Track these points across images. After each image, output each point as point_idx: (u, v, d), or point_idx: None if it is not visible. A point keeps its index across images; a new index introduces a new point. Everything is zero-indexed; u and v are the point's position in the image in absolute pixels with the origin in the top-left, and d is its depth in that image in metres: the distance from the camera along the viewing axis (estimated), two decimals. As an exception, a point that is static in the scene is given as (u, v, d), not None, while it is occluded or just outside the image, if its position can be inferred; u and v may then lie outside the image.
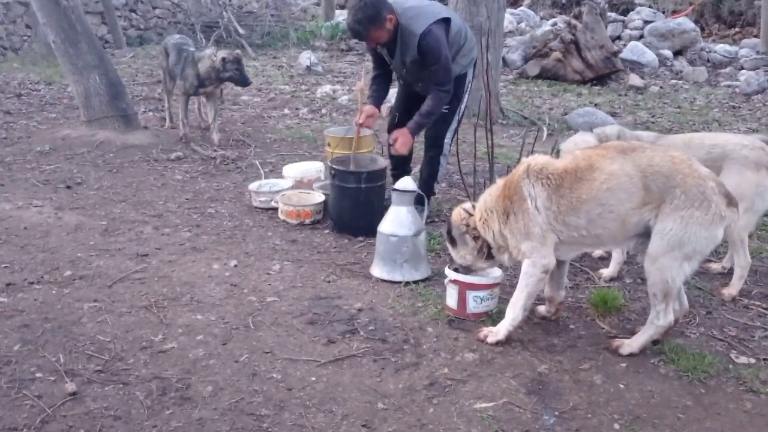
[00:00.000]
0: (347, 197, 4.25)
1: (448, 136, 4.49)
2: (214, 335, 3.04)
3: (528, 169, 2.94)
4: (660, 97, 9.11)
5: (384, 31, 4.00)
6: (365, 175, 4.25)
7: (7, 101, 7.77)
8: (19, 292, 3.38)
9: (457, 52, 4.32)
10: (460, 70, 4.38)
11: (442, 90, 4.17)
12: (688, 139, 3.82)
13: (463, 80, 4.44)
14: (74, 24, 6.00)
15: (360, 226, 4.25)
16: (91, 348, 2.91)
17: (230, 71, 5.87)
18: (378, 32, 3.99)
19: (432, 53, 4.04)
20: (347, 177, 4.24)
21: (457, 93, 4.40)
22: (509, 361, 2.90)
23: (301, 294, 3.48)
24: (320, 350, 2.96)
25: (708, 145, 3.60)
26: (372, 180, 4.26)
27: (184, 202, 4.82)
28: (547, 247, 2.91)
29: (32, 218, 4.31)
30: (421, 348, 2.99)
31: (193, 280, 3.58)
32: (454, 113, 4.43)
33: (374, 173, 4.29)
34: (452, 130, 4.49)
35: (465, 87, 4.47)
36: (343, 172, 4.26)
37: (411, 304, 3.41)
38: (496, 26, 7.06)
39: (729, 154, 3.51)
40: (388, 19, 3.96)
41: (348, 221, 4.31)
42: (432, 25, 4.02)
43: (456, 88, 4.37)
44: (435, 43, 4.02)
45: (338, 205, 4.32)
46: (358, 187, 4.22)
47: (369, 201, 4.25)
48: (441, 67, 4.09)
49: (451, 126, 4.46)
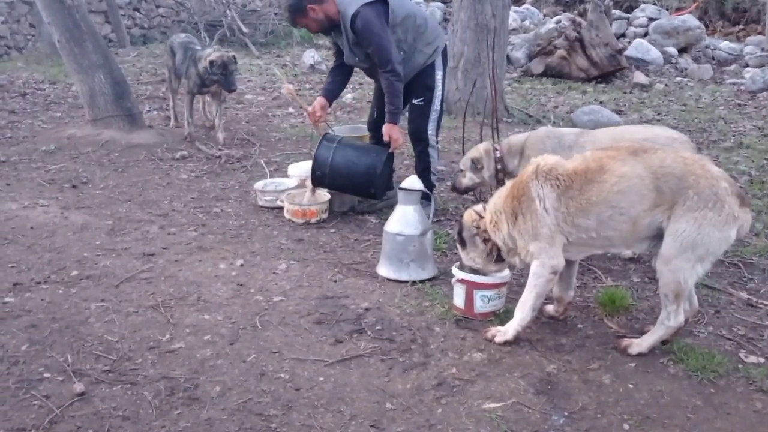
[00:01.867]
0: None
1: (431, 127, 4.49)
2: (221, 335, 3.04)
3: (537, 169, 2.92)
4: (665, 95, 9.07)
5: (309, 20, 4.17)
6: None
7: (12, 100, 7.77)
8: (26, 292, 3.38)
9: (417, 39, 4.31)
10: (424, 60, 4.37)
11: (386, 71, 4.17)
12: (618, 134, 3.83)
13: (431, 71, 4.40)
14: (79, 23, 6.00)
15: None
16: (98, 348, 2.91)
17: (216, 75, 5.80)
18: (303, 20, 4.20)
19: (364, 34, 4.08)
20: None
21: (427, 83, 4.41)
22: (517, 360, 2.89)
23: (308, 293, 3.47)
24: (328, 350, 2.96)
25: (639, 139, 3.62)
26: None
27: (189, 202, 4.82)
28: (555, 248, 2.90)
29: (38, 218, 4.32)
30: (429, 348, 2.99)
31: (200, 279, 3.58)
32: (429, 105, 4.43)
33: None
34: (433, 121, 4.49)
35: (435, 77, 4.41)
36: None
37: (418, 303, 3.40)
38: (501, 24, 7.04)
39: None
40: (310, 9, 4.11)
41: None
42: (363, 6, 4.04)
43: (425, 78, 4.40)
44: (366, 23, 4.04)
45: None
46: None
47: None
48: (376, 47, 4.10)
49: (431, 117, 4.46)
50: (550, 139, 4.00)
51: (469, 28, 7.01)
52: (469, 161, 4.24)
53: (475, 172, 4.23)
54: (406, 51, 4.31)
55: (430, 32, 4.38)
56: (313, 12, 4.14)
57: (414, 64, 4.37)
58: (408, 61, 4.33)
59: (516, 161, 4.10)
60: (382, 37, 4.09)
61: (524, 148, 4.07)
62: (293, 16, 4.23)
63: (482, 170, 4.20)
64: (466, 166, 4.27)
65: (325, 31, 4.37)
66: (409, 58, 4.33)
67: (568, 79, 9.66)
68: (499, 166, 4.15)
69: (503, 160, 4.14)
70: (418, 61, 4.36)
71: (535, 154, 4.00)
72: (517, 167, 4.10)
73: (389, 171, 4.54)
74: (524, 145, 4.08)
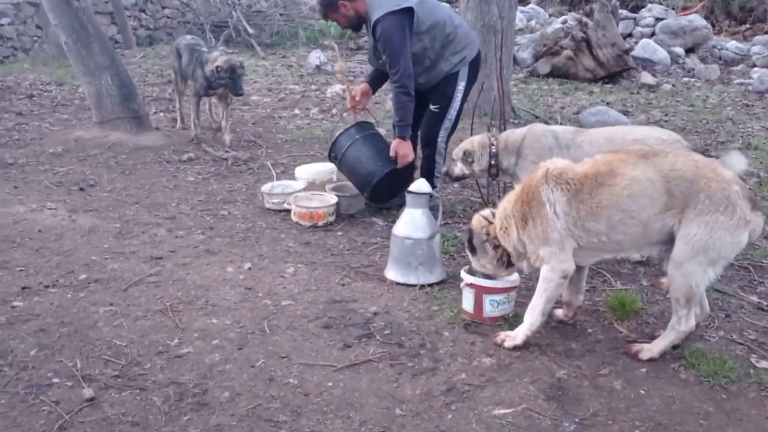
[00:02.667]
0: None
1: (441, 135, 4.49)
2: (230, 339, 3.03)
3: (546, 173, 2.91)
4: (672, 96, 9.03)
5: (339, 15, 4.26)
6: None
7: (19, 102, 7.80)
8: (34, 296, 3.38)
9: (444, 47, 4.28)
10: (449, 68, 4.34)
11: (393, 81, 4.21)
12: (610, 134, 3.87)
13: (453, 80, 4.38)
14: (86, 25, 6.01)
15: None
16: (107, 353, 2.90)
17: (224, 79, 5.81)
18: (334, 15, 4.29)
19: (382, 41, 4.11)
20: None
21: (446, 92, 4.38)
22: (527, 366, 2.88)
23: (316, 297, 3.46)
24: (336, 355, 2.95)
25: (630, 140, 3.66)
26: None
27: (196, 204, 4.82)
28: (565, 253, 2.88)
29: (46, 221, 4.32)
30: (438, 352, 2.97)
31: (208, 283, 3.58)
32: (444, 113, 4.42)
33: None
34: (445, 130, 4.49)
35: (456, 87, 4.39)
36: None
37: (427, 307, 3.38)
38: (508, 25, 7.02)
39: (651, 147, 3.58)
40: (341, 4, 4.19)
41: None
42: (387, 14, 4.06)
43: (445, 86, 4.38)
44: (386, 31, 4.06)
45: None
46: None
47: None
48: (388, 56, 4.13)
49: (443, 125, 4.46)
50: (547, 137, 3.99)
51: (475, 29, 6.92)
52: (461, 152, 4.26)
53: (466, 164, 4.24)
54: (432, 59, 4.30)
55: (460, 41, 4.34)
56: (344, 8, 4.21)
57: (438, 71, 4.35)
58: (432, 68, 4.33)
59: (512, 159, 4.10)
60: (396, 47, 4.09)
61: (521, 146, 4.06)
62: (325, 10, 4.32)
63: (473, 164, 4.21)
64: (458, 156, 4.29)
65: (355, 28, 4.42)
66: (434, 65, 4.33)
67: (575, 79, 9.63)
68: (493, 161, 4.15)
69: (498, 156, 4.13)
70: (443, 69, 4.34)
71: (533, 152, 4.00)
72: (513, 165, 4.09)
73: (399, 184, 4.37)
74: (521, 142, 4.06)
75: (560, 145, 3.95)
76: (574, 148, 3.91)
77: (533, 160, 3.98)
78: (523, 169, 4.05)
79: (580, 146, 3.90)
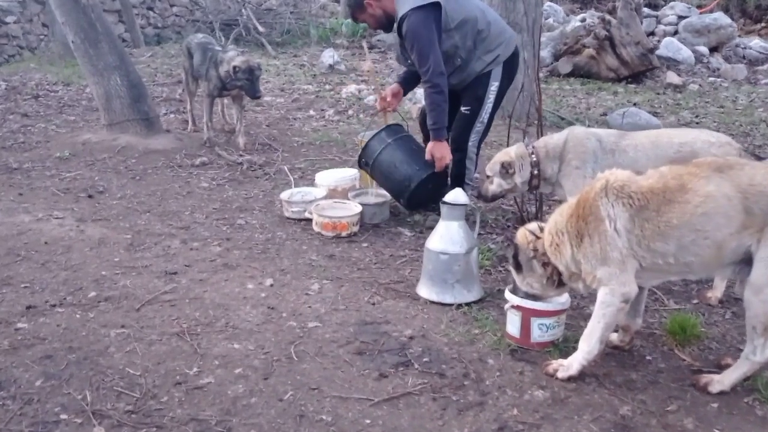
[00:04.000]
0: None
1: (472, 139, 4.24)
2: (254, 368, 2.76)
3: (606, 186, 2.62)
4: (700, 96, 8.71)
5: (367, 15, 4.13)
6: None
7: (25, 103, 7.54)
8: (40, 317, 3.11)
9: (477, 45, 4.06)
10: (482, 68, 4.11)
11: (424, 81, 4.02)
12: (656, 138, 3.58)
13: (485, 81, 4.14)
14: (94, 23, 5.75)
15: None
16: (120, 383, 2.63)
17: (241, 80, 5.58)
18: (362, 15, 4.16)
19: (408, 38, 3.97)
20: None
21: (478, 93, 4.15)
22: (585, 400, 2.59)
23: (345, 318, 3.18)
24: (372, 386, 2.66)
25: (677, 143, 3.43)
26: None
27: (211, 213, 4.55)
28: (627, 274, 2.59)
29: (53, 231, 4.06)
30: (484, 384, 2.69)
31: (227, 302, 3.30)
32: (475, 116, 4.18)
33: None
34: (477, 134, 4.24)
35: (488, 88, 4.15)
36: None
37: (466, 330, 3.10)
38: (534, 23, 6.72)
39: (699, 152, 3.33)
40: (367, 4, 4.07)
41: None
42: (414, 9, 3.88)
43: (477, 87, 4.14)
44: (413, 27, 3.90)
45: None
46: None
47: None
48: (416, 54, 3.95)
49: (474, 129, 4.21)
50: (591, 141, 3.70)
51: (499, 27, 6.68)
52: (498, 166, 3.87)
53: (505, 177, 3.86)
54: (464, 57, 4.08)
55: (493, 39, 4.10)
56: (371, 8, 4.08)
57: (470, 70, 4.13)
58: (464, 67, 4.11)
59: (555, 166, 3.79)
60: (424, 44, 3.89)
61: (564, 151, 3.76)
62: (352, 11, 4.22)
63: (514, 176, 3.88)
64: (494, 171, 3.90)
65: (385, 28, 4.27)
66: (466, 64, 4.10)
67: (597, 79, 9.32)
68: (535, 171, 3.83)
69: (539, 165, 3.82)
70: (475, 68, 4.11)
71: (577, 156, 3.70)
72: (557, 173, 3.80)
73: (436, 189, 4.16)
74: (564, 147, 3.77)
75: (604, 149, 3.68)
76: (619, 152, 3.63)
77: (577, 165, 3.69)
78: (567, 175, 3.75)
79: (625, 151, 3.61)
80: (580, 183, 3.69)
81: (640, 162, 3.39)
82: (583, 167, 3.69)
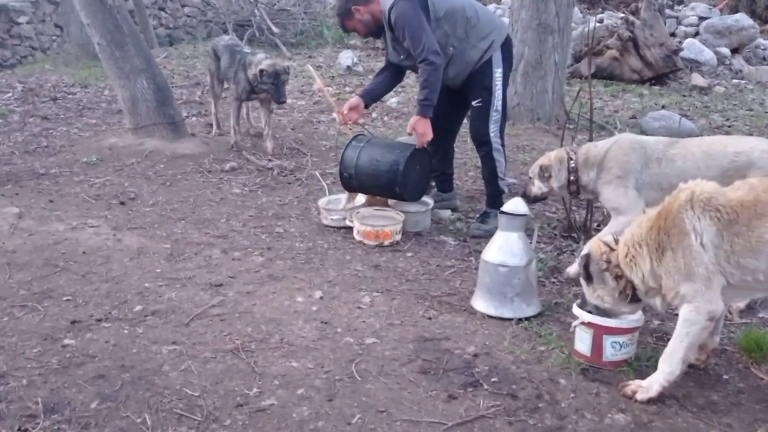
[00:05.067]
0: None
1: (492, 129, 4.19)
2: (316, 388, 2.63)
3: (692, 198, 2.49)
4: (727, 99, 8.58)
5: (356, 22, 4.14)
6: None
7: (43, 105, 7.41)
8: (86, 332, 2.99)
9: (468, 33, 4.06)
10: (479, 55, 4.10)
11: (420, 61, 3.96)
12: (708, 147, 3.44)
13: (488, 69, 4.12)
14: (120, 25, 5.62)
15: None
16: (179, 405, 2.51)
17: (266, 84, 5.46)
18: (350, 22, 4.16)
19: (398, 25, 3.95)
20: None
21: (484, 83, 4.13)
22: (669, 425, 2.47)
23: (403, 334, 3.06)
24: (442, 408, 2.54)
25: (732, 152, 3.30)
26: None
27: (248, 220, 4.42)
28: (712, 291, 2.47)
29: (89, 241, 3.93)
30: (560, 407, 2.56)
31: (278, 316, 3.18)
32: (488, 106, 4.15)
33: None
34: (495, 123, 4.19)
35: (493, 75, 4.13)
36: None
37: (531, 347, 2.97)
38: (565, 24, 6.61)
39: (756, 162, 3.22)
40: (354, 10, 4.08)
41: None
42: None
43: (482, 77, 4.13)
44: (401, 13, 3.92)
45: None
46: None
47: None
48: (410, 39, 3.94)
49: (491, 119, 4.17)
50: (636, 151, 3.59)
51: (530, 29, 6.56)
52: (537, 168, 3.90)
53: (543, 180, 3.87)
54: (456, 46, 4.07)
55: (484, 25, 4.10)
56: (359, 13, 4.10)
57: (468, 60, 4.11)
58: (460, 57, 4.10)
59: (593, 173, 3.71)
60: (415, 28, 3.90)
61: (605, 159, 3.66)
62: (341, 20, 4.23)
63: (550, 179, 3.82)
64: (534, 173, 3.93)
65: (374, 34, 4.27)
66: (462, 54, 4.09)
67: (620, 80, 9.18)
68: (572, 177, 3.75)
69: (577, 171, 3.73)
70: (473, 57, 4.10)
71: (618, 165, 3.60)
72: (594, 180, 3.70)
73: (423, 170, 4.27)
74: (605, 156, 3.67)
75: (649, 158, 3.56)
76: (666, 162, 3.51)
77: (618, 174, 3.59)
78: (606, 183, 3.65)
79: (673, 160, 3.49)
80: (621, 192, 3.58)
81: (690, 172, 3.26)
82: (625, 177, 3.58)
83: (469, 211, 4.73)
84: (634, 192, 3.58)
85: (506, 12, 10.47)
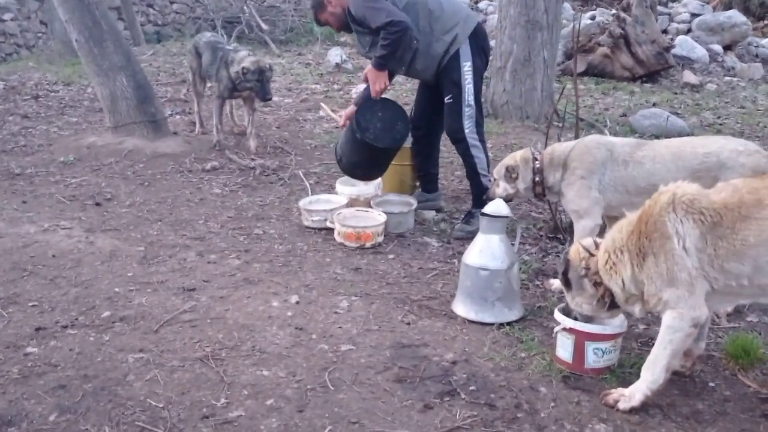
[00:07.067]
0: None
1: (467, 125, 4.09)
2: (286, 398, 2.53)
3: (674, 200, 2.40)
4: (719, 96, 8.50)
5: (328, 15, 4.12)
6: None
7: (24, 104, 7.28)
8: (51, 339, 2.88)
9: (432, 26, 3.97)
10: (444, 49, 4.00)
11: (384, 30, 3.83)
12: (677, 149, 3.29)
13: (455, 63, 4.01)
14: (99, 21, 5.50)
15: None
16: (142, 417, 2.40)
17: (250, 82, 5.36)
18: (323, 15, 4.15)
19: (358, 12, 3.91)
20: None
21: (453, 78, 4.02)
22: (652, 435, 2.38)
23: (380, 340, 2.96)
24: (417, 419, 2.44)
25: (701, 153, 3.18)
26: None
27: (226, 221, 4.31)
28: (696, 297, 2.38)
29: (61, 243, 3.82)
30: (539, 416, 2.47)
31: (252, 322, 3.07)
32: (459, 102, 4.05)
33: None
34: (470, 119, 4.08)
35: (461, 69, 4.01)
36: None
37: (512, 354, 2.88)
38: (554, 21, 6.50)
39: (725, 162, 3.11)
40: (327, 3, 4.07)
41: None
42: None
43: (450, 72, 4.03)
44: (358, 2, 3.90)
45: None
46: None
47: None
48: (371, 17, 3.86)
49: (464, 115, 4.07)
50: (600, 151, 3.42)
51: (519, 25, 6.46)
52: (503, 169, 3.69)
53: (509, 182, 3.67)
54: (420, 39, 3.97)
55: (448, 17, 4.00)
56: (330, 5, 4.07)
57: (433, 53, 4.01)
58: (426, 51, 4.01)
59: (558, 174, 3.53)
60: (373, 5, 3.85)
61: (569, 160, 3.52)
62: (315, 12, 4.21)
63: (517, 180, 3.66)
64: (500, 174, 3.71)
65: (346, 28, 4.17)
66: (427, 47, 4.00)
67: (611, 78, 9.10)
68: (537, 177, 3.60)
69: (542, 172, 3.59)
70: (438, 50, 4.00)
71: (582, 165, 3.44)
72: (559, 181, 3.54)
73: (389, 116, 4.15)
74: (568, 156, 3.53)
75: (615, 160, 3.38)
76: (633, 164, 3.33)
77: (582, 174, 3.41)
78: (570, 184, 3.47)
79: (641, 162, 3.32)
80: (584, 194, 3.43)
81: (659, 175, 3.14)
82: (589, 177, 3.41)
83: (454, 211, 4.63)
84: (597, 194, 3.44)
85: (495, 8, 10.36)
